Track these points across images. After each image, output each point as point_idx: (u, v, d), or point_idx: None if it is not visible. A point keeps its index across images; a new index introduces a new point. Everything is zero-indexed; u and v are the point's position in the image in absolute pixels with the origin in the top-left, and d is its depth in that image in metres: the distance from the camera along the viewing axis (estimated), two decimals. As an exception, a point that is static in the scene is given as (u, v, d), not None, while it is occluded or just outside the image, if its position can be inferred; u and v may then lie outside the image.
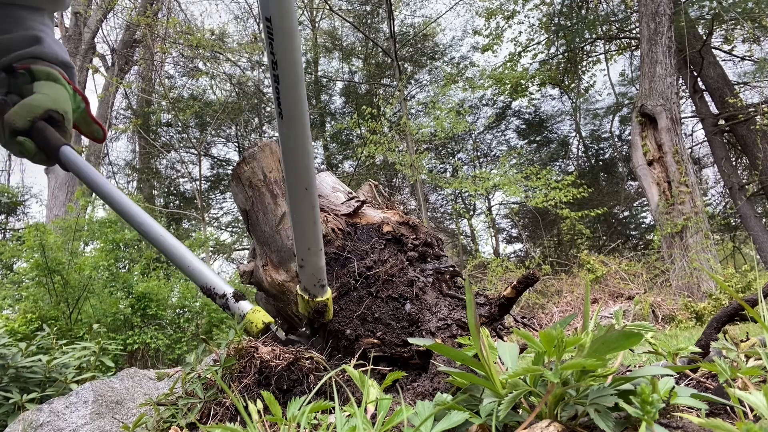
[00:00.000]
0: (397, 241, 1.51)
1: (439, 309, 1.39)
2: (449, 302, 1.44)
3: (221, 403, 1.09)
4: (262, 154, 1.47)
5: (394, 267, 1.40)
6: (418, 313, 1.34)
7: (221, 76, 12.72)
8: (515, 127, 15.66)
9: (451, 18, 24.98)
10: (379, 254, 1.43)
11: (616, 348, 0.59)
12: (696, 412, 0.69)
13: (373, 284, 1.37)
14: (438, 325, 1.34)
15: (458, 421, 0.64)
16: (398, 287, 1.37)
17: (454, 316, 1.38)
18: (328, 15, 15.11)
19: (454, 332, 1.34)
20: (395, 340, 1.29)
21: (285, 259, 1.40)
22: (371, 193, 1.73)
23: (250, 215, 1.45)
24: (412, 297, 1.36)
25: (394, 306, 1.34)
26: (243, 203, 1.47)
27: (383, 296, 1.35)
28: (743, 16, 9.31)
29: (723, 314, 1.02)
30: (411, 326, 1.32)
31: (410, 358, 1.30)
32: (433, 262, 1.54)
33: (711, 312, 5.02)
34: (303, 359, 1.15)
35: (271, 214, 1.43)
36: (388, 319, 1.32)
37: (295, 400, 0.85)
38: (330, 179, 1.69)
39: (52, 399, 1.49)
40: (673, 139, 7.22)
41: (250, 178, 1.45)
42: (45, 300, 4.50)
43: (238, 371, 1.13)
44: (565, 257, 10.88)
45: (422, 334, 1.31)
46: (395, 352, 1.28)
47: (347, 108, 15.65)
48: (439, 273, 1.50)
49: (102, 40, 12.18)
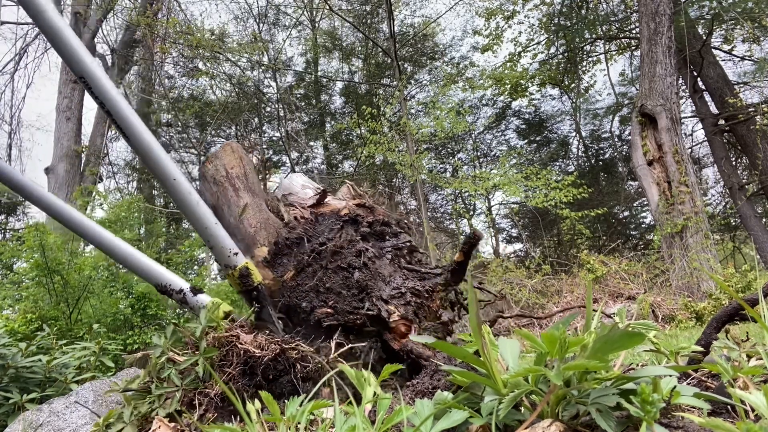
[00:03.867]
0: (353, 221, 1.61)
1: (393, 279, 1.48)
2: (405, 274, 1.53)
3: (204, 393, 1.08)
4: (224, 153, 1.59)
5: (344, 240, 1.49)
6: (367, 280, 1.41)
7: (221, 76, 12.71)
8: (515, 127, 15.65)
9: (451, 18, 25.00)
10: (335, 234, 1.53)
11: (619, 348, 0.59)
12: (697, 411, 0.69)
13: (324, 258, 1.45)
14: (391, 293, 1.42)
15: (458, 420, 0.64)
16: (346, 258, 1.45)
17: (408, 285, 1.46)
18: (328, 15, 15.10)
19: (408, 299, 1.42)
20: (346, 307, 1.36)
21: (249, 246, 1.48)
22: (349, 192, 1.83)
23: (217, 210, 1.54)
24: (360, 266, 1.44)
25: (343, 276, 1.42)
26: (210, 199, 1.56)
27: (332, 267, 1.43)
28: (743, 16, 9.30)
29: (723, 314, 1.01)
30: (360, 293, 1.39)
31: (363, 324, 1.35)
32: (391, 239, 1.63)
33: (711, 312, 5.02)
34: (289, 350, 1.16)
35: (234, 206, 1.52)
36: (338, 288, 1.39)
37: (293, 399, 0.85)
38: (300, 179, 1.83)
39: (52, 399, 1.49)
40: (673, 139, 7.22)
41: (214, 175, 1.56)
42: (45, 300, 4.49)
43: (219, 360, 1.13)
44: (565, 257, 10.87)
45: (372, 301, 1.38)
46: (348, 320, 1.35)
47: (347, 108, 15.64)
48: (397, 249, 1.60)
49: (102, 40, 12.17)
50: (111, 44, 12.22)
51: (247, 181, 1.56)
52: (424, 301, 1.44)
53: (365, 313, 1.34)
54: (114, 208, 6.03)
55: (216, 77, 12.55)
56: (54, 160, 10.01)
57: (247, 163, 1.60)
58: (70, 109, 10.33)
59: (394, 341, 1.33)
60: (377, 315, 1.33)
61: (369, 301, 1.36)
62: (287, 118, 13.64)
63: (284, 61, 14.71)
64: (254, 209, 1.52)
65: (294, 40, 15.36)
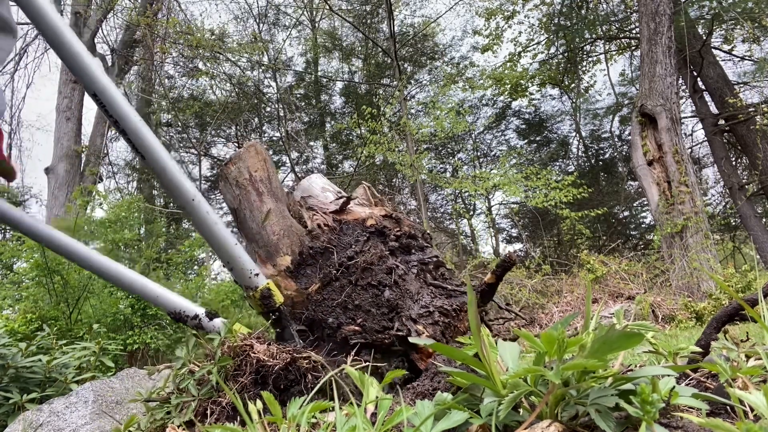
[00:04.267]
0: (380, 233, 1.56)
1: (421, 297, 1.44)
2: (432, 291, 1.48)
3: (217, 402, 1.08)
4: (248, 155, 1.52)
5: (373, 256, 1.44)
6: (397, 299, 1.37)
7: (221, 76, 12.71)
8: (515, 127, 15.65)
9: (451, 18, 25.01)
10: (362, 246, 1.48)
11: (618, 348, 0.59)
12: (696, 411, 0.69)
13: (352, 273, 1.40)
14: (420, 312, 1.38)
15: (458, 421, 0.64)
16: (377, 275, 1.40)
17: (436, 303, 1.42)
18: (328, 15, 15.10)
19: (436, 319, 1.38)
20: (375, 326, 1.32)
21: (271, 254, 1.43)
22: (365, 194, 1.77)
23: (238, 213, 1.49)
24: (391, 284, 1.40)
25: (373, 293, 1.37)
26: (231, 202, 1.51)
27: (363, 284, 1.38)
28: (743, 16, 9.30)
29: (723, 314, 1.02)
30: (390, 312, 1.35)
31: (391, 344, 1.32)
32: (417, 253, 1.58)
33: (711, 312, 5.02)
34: (301, 359, 1.15)
35: (257, 212, 1.47)
36: (368, 306, 1.35)
37: (294, 400, 0.85)
38: (320, 181, 1.76)
39: (52, 399, 1.49)
40: (673, 139, 7.22)
41: (236, 177, 1.49)
42: (45, 300, 4.49)
43: (233, 370, 1.13)
44: (565, 257, 10.88)
45: (402, 321, 1.34)
46: (376, 339, 1.31)
47: (347, 108, 15.64)
48: (423, 264, 1.55)
49: (102, 40, 12.17)
50: (111, 44, 12.22)
51: (270, 186, 1.50)
52: (452, 320, 1.40)
53: (395, 334, 1.31)
54: (114, 208, 6.03)
55: (216, 77, 12.56)
56: (54, 160, 10.01)
57: (270, 165, 1.54)
58: (70, 109, 10.34)
59: (421, 361, 1.31)
60: (406, 335, 1.30)
61: (399, 321, 1.33)
62: (287, 118, 13.64)
63: (284, 61, 14.71)
64: (277, 215, 1.46)
65: (294, 40, 15.37)
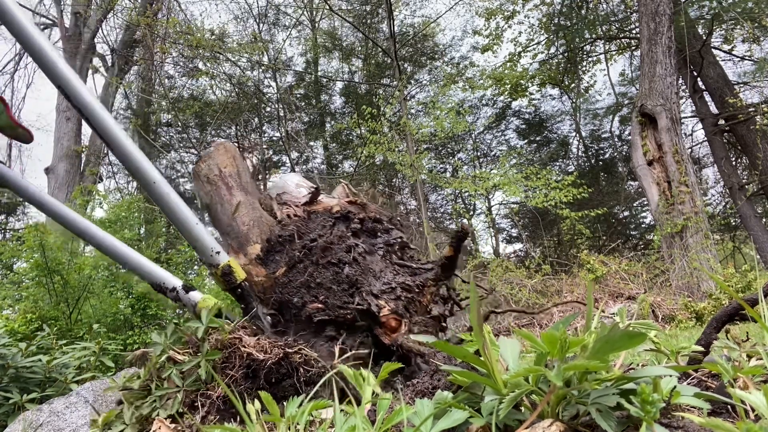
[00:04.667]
0: (345, 218, 1.62)
1: (384, 275, 1.48)
2: (396, 269, 1.53)
3: (206, 395, 1.08)
4: (217, 152, 1.60)
5: (333, 236, 1.49)
6: (357, 275, 1.41)
7: (221, 76, 12.71)
8: (515, 127, 15.65)
9: (451, 18, 24.98)
10: (327, 231, 1.54)
11: (620, 348, 0.59)
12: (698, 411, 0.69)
13: (315, 254, 1.45)
14: (382, 288, 1.42)
15: (459, 420, 0.64)
16: (337, 254, 1.45)
17: (399, 280, 1.46)
18: (327, 15, 15.10)
19: (398, 294, 1.42)
20: (337, 302, 1.37)
21: (242, 243, 1.49)
22: (344, 192, 1.84)
23: (211, 208, 1.56)
24: (350, 261, 1.44)
25: (334, 271, 1.42)
26: (204, 198, 1.58)
27: (323, 263, 1.43)
28: (743, 16, 9.30)
29: (723, 314, 1.01)
30: (351, 288, 1.40)
31: (354, 319, 1.35)
32: (383, 236, 1.64)
33: (711, 312, 5.02)
34: (293, 354, 1.16)
35: (227, 205, 1.54)
36: (329, 283, 1.40)
37: (293, 399, 0.85)
38: (294, 178, 1.86)
39: (52, 399, 1.49)
40: (673, 139, 7.22)
41: (207, 174, 1.57)
42: (45, 300, 4.49)
43: (221, 362, 1.13)
44: (565, 257, 10.87)
45: (362, 296, 1.38)
46: (338, 315, 1.35)
47: (347, 108, 15.63)
48: (388, 245, 1.60)
49: (102, 40, 12.17)
50: (111, 44, 12.22)
51: (240, 180, 1.57)
52: (414, 296, 1.45)
53: (355, 308, 1.35)
54: (114, 208, 6.03)
55: (216, 77, 12.55)
56: (54, 160, 10.01)
57: (240, 162, 1.61)
58: (70, 109, 10.33)
59: (385, 336, 1.34)
60: (367, 309, 1.34)
61: (359, 296, 1.37)
62: (287, 118, 13.64)
63: (284, 61, 14.71)
64: (247, 207, 1.53)
65: (294, 40, 15.36)
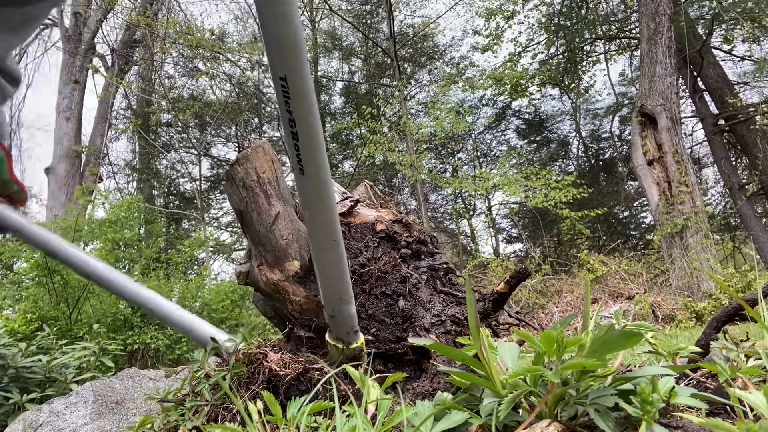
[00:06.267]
0: (391, 239, 1.53)
1: (433, 305, 1.41)
2: (443, 299, 1.46)
3: (228, 408, 1.09)
4: (255, 155, 1.45)
5: (387, 264, 1.41)
6: (411, 309, 1.35)
7: (221, 76, 12.71)
8: (515, 127, 15.66)
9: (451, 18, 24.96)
10: (372, 252, 1.44)
11: (617, 348, 0.59)
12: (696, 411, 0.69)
13: (366, 281, 1.38)
14: (432, 321, 1.36)
15: (458, 421, 0.64)
16: (391, 284, 1.38)
17: (448, 312, 1.40)
18: (327, 15, 15.11)
19: (448, 328, 1.36)
20: (389, 336, 1.30)
21: (279, 258, 1.38)
22: (367, 193, 1.73)
23: (245, 216, 1.43)
24: (405, 293, 1.37)
25: (387, 302, 1.35)
26: (237, 204, 1.45)
27: (377, 293, 1.36)
28: (743, 16, 9.31)
29: (723, 314, 1.02)
30: (404, 322, 1.33)
31: (404, 354, 1.30)
32: (426, 259, 1.55)
33: (711, 312, 5.02)
34: (312, 370, 1.14)
35: (265, 214, 1.40)
36: (381, 315, 1.33)
37: (294, 400, 0.85)
38: None
39: (52, 399, 1.49)
40: (673, 139, 7.22)
41: (243, 179, 1.43)
42: (45, 300, 4.49)
43: (246, 377, 1.13)
44: (565, 257, 10.88)
45: (416, 330, 1.32)
46: (389, 348, 1.29)
47: (347, 108, 15.64)
48: (432, 270, 1.52)
49: (102, 40, 12.17)
50: (111, 44, 12.22)
51: (278, 188, 1.43)
52: (463, 329, 1.39)
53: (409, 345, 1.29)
54: (114, 208, 6.03)
55: (216, 77, 12.56)
56: (54, 160, 10.02)
57: (278, 167, 1.48)
58: (70, 109, 10.34)
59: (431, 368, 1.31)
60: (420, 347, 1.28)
61: (413, 331, 1.31)
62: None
63: (284, 61, 14.69)
64: (286, 219, 1.40)
65: (294, 40, 15.34)
